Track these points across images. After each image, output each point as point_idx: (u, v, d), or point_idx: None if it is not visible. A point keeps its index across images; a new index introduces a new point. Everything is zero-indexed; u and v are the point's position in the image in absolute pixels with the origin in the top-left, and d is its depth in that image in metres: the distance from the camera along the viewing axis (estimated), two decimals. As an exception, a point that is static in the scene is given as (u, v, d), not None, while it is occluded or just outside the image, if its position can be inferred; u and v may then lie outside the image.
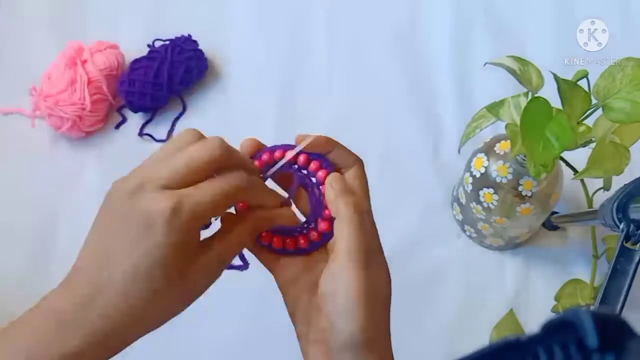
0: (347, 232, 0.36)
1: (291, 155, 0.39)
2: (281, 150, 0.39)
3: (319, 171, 0.39)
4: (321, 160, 0.39)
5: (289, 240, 0.40)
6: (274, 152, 0.39)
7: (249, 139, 0.40)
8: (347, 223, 0.36)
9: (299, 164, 0.39)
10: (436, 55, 0.79)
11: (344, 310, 0.35)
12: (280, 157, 0.39)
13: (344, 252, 0.36)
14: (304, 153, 0.39)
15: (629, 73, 0.48)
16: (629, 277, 0.50)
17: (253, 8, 0.83)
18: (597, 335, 0.20)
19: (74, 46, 0.73)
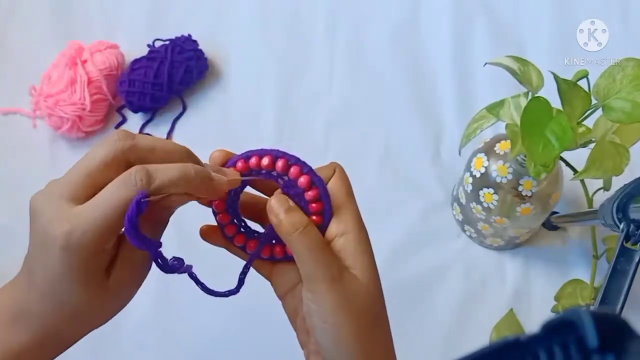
0: (300, 257, 0.35)
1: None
2: (257, 157, 0.37)
3: (300, 177, 0.36)
4: (301, 165, 0.36)
5: (277, 249, 0.39)
6: (249, 160, 0.37)
7: (218, 151, 0.37)
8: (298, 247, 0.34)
9: (277, 170, 0.36)
10: (436, 55, 0.79)
11: (322, 331, 0.34)
12: (255, 164, 0.37)
13: (306, 277, 0.35)
14: (282, 158, 0.36)
15: (629, 73, 0.48)
16: (629, 277, 0.50)
17: (253, 8, 0.83)
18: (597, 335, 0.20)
19: (74, 46, 0.73)
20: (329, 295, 0.34)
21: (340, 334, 0.34)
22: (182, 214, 0.39)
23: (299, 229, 0.34)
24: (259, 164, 0.37)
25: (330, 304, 0.34)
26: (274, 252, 0.39)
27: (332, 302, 0.34)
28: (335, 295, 0.34)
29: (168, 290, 0.67)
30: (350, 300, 0.34)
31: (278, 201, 0.36)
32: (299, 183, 0.36)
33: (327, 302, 0.34)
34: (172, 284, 0.68)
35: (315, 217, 0.36)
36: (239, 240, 0.39)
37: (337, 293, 0.34)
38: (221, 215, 0.39)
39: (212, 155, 0.37)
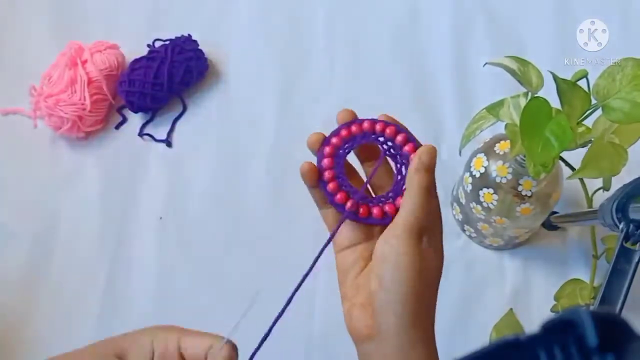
0: (410, 206, 0.38)
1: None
2: (369, 121, 0.41)
3: (405, 145, 0.40)
4: (407, 134, 0.41)
5: (375, 210, 0.40)
6: (362, 124, 0.41)
7: (344, 111, 0.42)
8: (414, 198, 0.38)
9: (386, 135, 0.40)
10: (436, 55, 0.79)
11: (396, 275, 0.37)
12: (368, 127, 0.40)
13: (401, 225, 0.38)
14: (391, 125, 0.41)
15: (629, 73, 0.48)
16: (629, 277, 0.50)
17: (253, 8, 0.83)
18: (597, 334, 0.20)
19: (74, 46, 0.73)
20: (413, 246, 0.37)
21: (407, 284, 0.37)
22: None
23: (424, 186, 0.39)
24: (374, 128, 0.41)
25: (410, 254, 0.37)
26: (371, 212, 0.40)
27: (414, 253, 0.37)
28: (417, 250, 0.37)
29: (167, 291, 0.67)
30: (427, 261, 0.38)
31: (427, 152, 0.40)
32: (397, 141, 0.41)
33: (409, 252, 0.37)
34: (171, 285, 0.68)
35: None
36: (341, 197, 0.40)
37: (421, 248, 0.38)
38: (328, 172, 0.40)
39: (339, 116, 0.42)
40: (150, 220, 0.71)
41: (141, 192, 0.72)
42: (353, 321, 0.39)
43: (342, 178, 0.41)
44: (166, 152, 0.75)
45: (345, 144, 0.41)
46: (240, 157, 0.74)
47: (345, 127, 0.41)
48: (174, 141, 0.75)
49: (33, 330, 0.65)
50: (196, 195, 0.72)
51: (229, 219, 0.71)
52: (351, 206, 0.40)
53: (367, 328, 0.38)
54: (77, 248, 0.69)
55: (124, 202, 0.71)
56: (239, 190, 0.72)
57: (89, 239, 0.70)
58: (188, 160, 0.74)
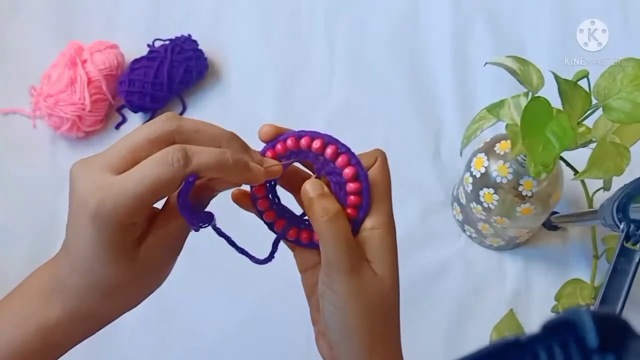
0: (325, 243, 0.35)
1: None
2: (308, 137, 0.37)
3: (346, 168, 0.36)
4: (350, 156, 0.36)
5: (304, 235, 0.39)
6: (300, 139, 0.37)
7: (267, 125, 0.38)
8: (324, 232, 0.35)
9: (326, 155, 0.36)
10: (436, 55, 0.79)
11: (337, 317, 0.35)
12: (306, 145, 0.37)
13: (326, 262, 0.35)
14: (333, 144, 0.36)
15: (630, 73, 0.48)
16: (629, 277, 0.50)
17: (253, 8, 0.83)
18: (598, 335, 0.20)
19: (74, 46, 0.73)
20: (344, 283, 0.34)
21: (347, 321, 0.35)
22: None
23: (328, 215, 0.35)
24: (309, 145, 0.37)
25: (343, 292, 0.34)
26: (299, 236, 0.39)
27: (345, 291, 0.34)
28: (350, 285, 0.34)
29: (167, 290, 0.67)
30: (363, 293, 0.35)
31: (312, 185, 0.36)
32: (344, 173, 0.36)
33: (341, 289, 0.34)
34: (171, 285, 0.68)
35: (350, 210, 0.36)
36: (269, 216, 0.39)
37: (352, 283, 0.34)
38: (257, 188, 0.39)
39: (261, 130, 0.38)
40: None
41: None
42: (318, 347, 0.39)
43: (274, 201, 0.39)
44: (166, 152, 0.75)
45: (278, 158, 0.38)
46: (240, 157, 0.74)
47: (270, 147, 0.38)
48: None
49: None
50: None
51: (229, 219, 0.71)
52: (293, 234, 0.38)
53: (329, 357, 0.38)
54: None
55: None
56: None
57: (88, 239, 0.69)
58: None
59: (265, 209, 0.39)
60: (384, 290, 0.36)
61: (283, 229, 0.39)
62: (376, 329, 0.36)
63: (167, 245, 0.35)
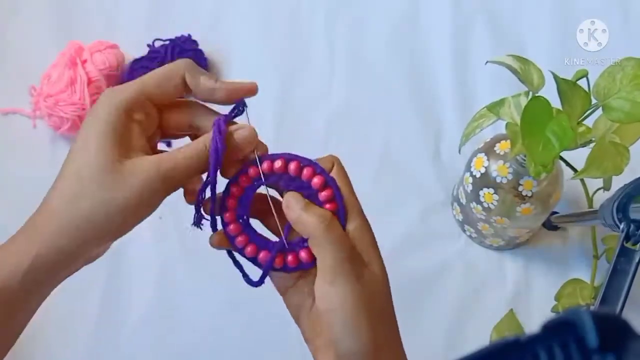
0: (324, 250, 0.35)
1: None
2: (269, 161, 0.37)
3: (313, 178, 0.37)
4: (314, 166, 0.37)
5: (290, 257, 0.38)
6: (274, 162, 0.37)
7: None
8: (322, 240, 0.35)
9: (290, 172, 0.37)
10: (436, 55, 0.79)
11: (344, 326, 0.35)
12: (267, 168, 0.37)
13: (329, 269, 0.35)
14: (294, 160, 0.37)
15: (629, 73, 0.48)
16: (629, 277, 0.50)
17: (253, 8, 0.83)
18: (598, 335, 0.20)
19: (74, 46, 0.73)
20: (351, 286, 0.34)
21: (359, 324, 0.35)
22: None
23: (325, 221, 0.35)
24: (271, 168, 0.37)
25: (351, 296, 0.34)
26: (286, 261, 0.38)
27: (353, 294, 0.34)
28: (357, 287, 0.35)
29: (167, 290, 0.67)
30: (368, 293, 0.35)
31: (295, 197, 0.37)
32: (313, 184, 0.37)
33: (349, 293, 0.34)
34: (171, 285, 0.68)
35: (329, 207, 0.37)
36: (251, 251, 0.39)
37: (359, 285, 0.35)
38: (232, 226, 0.38)
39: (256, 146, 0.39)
40: (150, 219, 0.71)
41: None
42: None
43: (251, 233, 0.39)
44: (166, 152, 0.75)
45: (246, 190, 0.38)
46: (240, 157, 0.74)
47: (242, 174, 0.38)
48: (173, 141, 0.75)
49: (32, 330, 0.64)
50: (196, 195, 0.72)
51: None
52: (264, 258, 0.38)
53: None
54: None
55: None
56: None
57: (88, 239, 0.69)
58: (188, 160, 0.74)
59: (245, 245, 0.39)
60: (382, 287, 0.37)
61: (270, 257, 0.38)
62: (381, 327, 0.36)
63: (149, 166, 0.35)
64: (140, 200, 0.35)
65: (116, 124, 0.35)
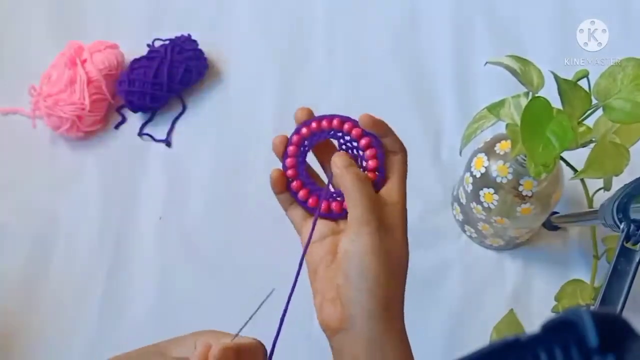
0: (353, 201, 0.39)
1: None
2: (327, 119, 0.43)
3: (367, 150, 0.43)
4: (372, 138, 0.43)
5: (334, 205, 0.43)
6: (321, 121, 0.43)
7: (300, 110, 0.45)
8: (353, 193, 0.39)
9: (352, 136, 0.43)
10: (436, 55, 0.79)
11: (360, 270, 0.38)
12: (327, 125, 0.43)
13: (355, 220, 0.39)
14: (358, 127, 0.43)
15: (630, 73, 0.48)
16: (630, 278, 0.50)
17: (253, 8, 0.83)
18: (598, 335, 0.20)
19: (74, 46, 0.73)
20: (372, 237, 0.39)
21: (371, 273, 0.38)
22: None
23: (360, 179, 0.40)
24: (330, 125, 0.43)
25: (370, 245, 0.38)
26: (331, 208, 0.43)
27: (372, 244, 0.38)
28: (376, 240, 0.39)
29: (167, 291, 0.67)
30: (386, 249, 0.39)
31: (340, 157, 0.42)
32: (361, 144, 0.43)
33: (369, 243, 0.38)
34: (171, 285, 0.68)
35: (370, 174, 0.43)
36: (303, 194, 0.43)
37: (378, 239, 0.39)
38: (291, 170, 0.44)
39: (296, 115, 0.45)
40: (150, 220, 0.71)
41: (141, 192, 0.72)
42: (324, 315, 0.40)
43: (305, 177, 0.44)
44: (166, 152, 0.75)
45: (305, 142, 0.44)
46: (239, 157, 0.74)
47: (305, 125, 0.44)
48: (173, 141, 0.75)
49: (33, 330, 0.65)
50: (196, 195, 0.72)
51: (229, 219, 0.71)
52: (313, 203, 0.43)
53: (338, 321, 0.39)
54: (77, 248, 0.69)
55: (124, 202, 0.71)
56: (239, 190, 0.72)
57: (88, 239, 0.69)
58: (188, 160, 0.74)
59: (299, 188, 0.44)
60: (400, 252, 0.41)
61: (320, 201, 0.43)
62: (392, 287, 0.40)
63: None
64: None
65: None
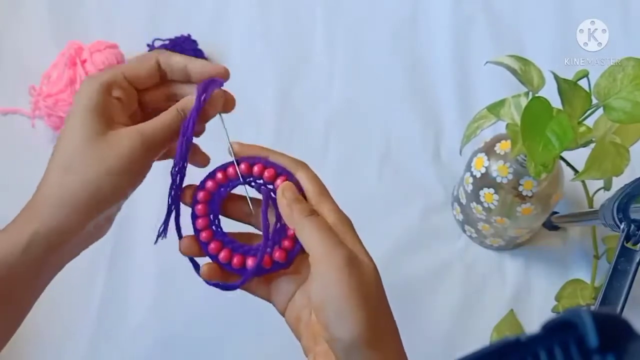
0: (316, 241, 0.36)
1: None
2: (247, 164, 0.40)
3: (276, 179, 0.39)
4: (275, 167, 0.40)
5: (249, 260, 0.40)
6: (227, 170, 0.41)
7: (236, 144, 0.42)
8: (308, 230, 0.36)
9: (254, 174, 0.40)
10: (436, 55, 0.79)
11: (338, 317, 0.34)
12: (233, 174, 0.41)
13: (321, 261, 0.35)
14: (258, 163, 0.40)
15: (630, 73, 0.48)
16: (630, 277, 0.50)
17: (253, 8, 0.83)
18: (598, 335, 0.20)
19: (74, 46, 0.73)
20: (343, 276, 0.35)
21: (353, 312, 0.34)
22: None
23: (312, 214, 0.37)
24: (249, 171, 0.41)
25: (346, 285, 0.34)
26: (274, 259, 0.39)
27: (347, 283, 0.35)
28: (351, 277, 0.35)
29: (167, 291, 0.67)
30: (363, 285, 0.35)
31: (290, 188, 0.39)
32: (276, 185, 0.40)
33: (343, 283, 0.34)
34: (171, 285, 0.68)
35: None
36: (224, 257, 0.40)
37: (352, 276, 0.35)
38: (204, 233, 0.41)
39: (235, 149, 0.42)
40: (150, 221, 0.71)
41: (140, 192, 0.72)
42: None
43: (221, 234, 0.41)
44: (166, 152, 0.75)
45: (220, 188, 0.41)
46: (240, 157, 0.74)
47: (209, 178, 0.41)
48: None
49: (31, 331, 0.64)
50: (196, 195, 0.72)
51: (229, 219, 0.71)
52: (238, 263, 0.40)
53: None
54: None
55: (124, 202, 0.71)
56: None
57: (88, 239, 0.69)
58: (188, 160, 0.74)
59: (219, 251, 0.41)
60: (373, 277, 0.37)
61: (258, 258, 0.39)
62: (376, 316, 0.36)
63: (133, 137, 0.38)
64: (127, 166, 0.38)
65: (97, 100, 0.38)
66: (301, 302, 0.39)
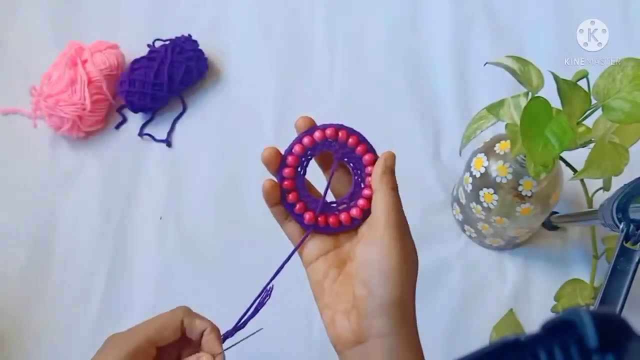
0: (384, 206, 0.40)
1: None
2: (332, 129, 0.43)
3: (365, 155, 0.43)
4: (367, 143, 0.44)
5: (332, 219, 0.42)
6: (325, 130, 0.43)
7: (304, 118, 0.43)
8: (387, 199, 0.40)
9: (348, 144, 0.43)
10: (436, 55, 0.79)
11: (382, 276, 0.38)
12: (331, 134, 0.43)
13: (383, 224, 0.39)
14: (353, 134, 0.43)
15: (629, 73, 0.48)
16: (629, 277, 0.50)
17: (253, 8, 0.83)
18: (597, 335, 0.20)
19: (74, 46, 0.73)
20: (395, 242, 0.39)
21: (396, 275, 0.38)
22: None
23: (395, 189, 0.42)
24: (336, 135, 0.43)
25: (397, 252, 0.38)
26: (328, 222, 0.42)
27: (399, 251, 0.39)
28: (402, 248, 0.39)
29: (167, 290, 0.67)
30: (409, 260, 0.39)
31: (393, 159, 0.44)
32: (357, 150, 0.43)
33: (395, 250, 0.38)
34: (171, 285, 0.68)
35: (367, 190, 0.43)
36: (300, 207, 0.42)
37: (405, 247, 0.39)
38: (288, 181, 0.42)
39: (297, 123, 0.43)
40: (150, 220, 0.71)
41: (141, 192, 0.72)
42: (337, 329, 0.39)
43: (302, 189, 0.43)
44: (166, 152, 0.75)
45: (307, 152, 0.43)
46: (240, 157, 0.74)
47: (307, 134, 0.43)
48: (173, 141, 0.75)
49: (33, 330, 0.65)
50: (196, 195, 0.72)
51: (229, 219, 0.71)
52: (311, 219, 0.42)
53: (353, 334, 0.38)
54: (77, 248, 0.69)
55: (124, 202, 0.71)
56: (239, 190, 0.72)
57: (89, 239, 0.70)
58: (188, 160, 0.74)
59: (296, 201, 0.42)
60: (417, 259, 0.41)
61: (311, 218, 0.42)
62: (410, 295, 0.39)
63: None
64: None
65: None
66: (333, 262, 0.42)
